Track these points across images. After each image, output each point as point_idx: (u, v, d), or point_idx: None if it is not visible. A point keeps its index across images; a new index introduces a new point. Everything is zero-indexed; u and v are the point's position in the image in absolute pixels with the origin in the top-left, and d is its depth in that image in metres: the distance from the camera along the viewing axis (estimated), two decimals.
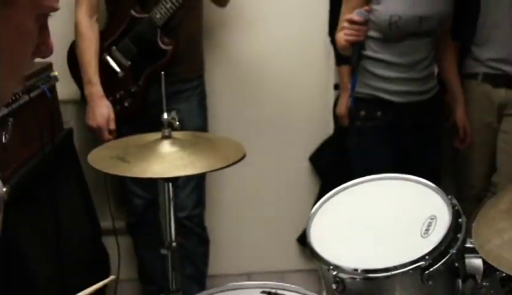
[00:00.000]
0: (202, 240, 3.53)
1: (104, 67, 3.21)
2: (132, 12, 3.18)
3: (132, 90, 3.22)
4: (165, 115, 2.25)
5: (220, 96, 3.70)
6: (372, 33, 2.93)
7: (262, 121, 3.76)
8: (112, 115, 3.17)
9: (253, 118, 3.72)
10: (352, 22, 2.76)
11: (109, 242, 3.39)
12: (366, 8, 2.78)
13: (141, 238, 3.59)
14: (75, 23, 3.19)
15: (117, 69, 3.22)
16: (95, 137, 3.21)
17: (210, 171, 2.18)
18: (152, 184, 3.24)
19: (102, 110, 3.15)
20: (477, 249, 1.40)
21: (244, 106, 3.74)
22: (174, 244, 2.30)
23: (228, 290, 2.15)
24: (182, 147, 2.23)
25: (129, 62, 3.22)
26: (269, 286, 2.13)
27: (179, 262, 2.35)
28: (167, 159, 2.19)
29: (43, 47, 1.22)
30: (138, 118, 3.21)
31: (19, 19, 1.13)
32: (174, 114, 2.28)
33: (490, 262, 1.35)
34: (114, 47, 3.23)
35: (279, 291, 2.10)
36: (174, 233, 2.30)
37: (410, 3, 2.92)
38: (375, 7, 2.93)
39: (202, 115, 3.43)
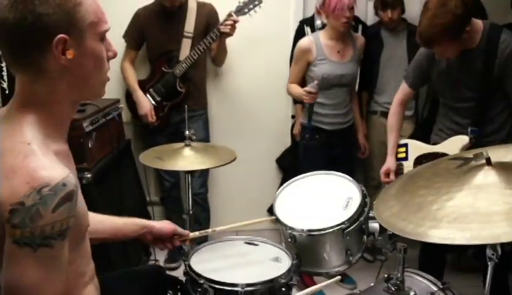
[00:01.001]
0: (205, 209, 3.49)
1: None
2: (163, 68, 3.24)
3: (161, 115, 3.28)
4: (187, 132, 2.24)
5: (220, 121, 3.67)
6: None
7: (246, 136, 3.73)
8: (152, 107, 3.24)
9: (240, 134, 3.69)
10: (309, 92, 2.76)
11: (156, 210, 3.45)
12: (317, 82, 2.78)
13: (169, 206, 3.59)
14: (121, 67, 3.32)
15: (153, 102, 3.29)
16: (144, 122, 3.28)
17: (213, 167, 2.16)
18: (176, 173, 3.35)
19: (146, 104, 3.24)
20: (376, 217, 1.40)
21: (235, 127, 3.71)
22: (191, 212, 2.27)
23: (224, 241, 2.14)
24: (197, 151, 2.21)
25: (159, 98, 3.28)
26: (249, 238, 2.12)
27: (193, 223, 2.33)
28: (188, 159, 2.17)
29: (109, 52, 1.21)
30: (164, 130, 3.29)
31: (92, 47, 1.12)
32: (192, 131, 2.26)
33: (383, 225, 1.35)
34: (151, 89, 3.28)
35: (255, 242, 2.10)
36: (191, 205, 2.28)
37: (334, 67, 2.94)
38: (313, 68, 2.96)
39: (205, 131, 3.42)
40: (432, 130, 2.68)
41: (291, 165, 3.55)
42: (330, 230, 1.88)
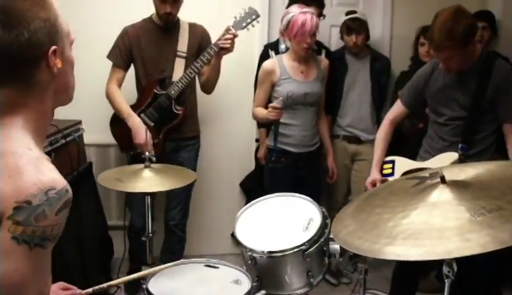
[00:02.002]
0: (181, 240, 3.32)
1: None
2: (155, 90, 3.01)
3: (155, 142, 3.02)
4: (147, 153, 2.20)
5: None
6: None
7: (214, 160, 3.72)
8: (150, 135, 2.94)
9: (204, 157, 3.63)
10: (274, 108, 2.79)
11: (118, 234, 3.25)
12: (282, 98, 2.82)
13: (135, 243, 3.19)
14: (107, 90, 3.03)
15: None
16: (139, 150, 2.92)
17: (172, 189, 2.12)
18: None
19: (145, 132, 2.93)
20: (333, 237, 1.40)
21: (204, 150, 3.60)
22: (150, 234, 2.23)
23: (183, 264, 2.08)
24: (157, 173, 2.18)
25: (153, 124, 3.03)
26: (210, 261, 2.07)
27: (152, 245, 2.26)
28: (147, 180, 2.13)
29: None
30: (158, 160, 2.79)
31: (69, 55, 1.21)
32: (152, 152, 2.22)
33: (340, 244, 1.34)
34: (142, 114, 3.02)
35: (216, 264, 2.06)
36: (151, 228, 2.23)
37: (299, 85, 2.97)
38: (277, 88, 2.98)
39: (195, 161, 3.24)
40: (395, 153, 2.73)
41: (254, 187, 3.54)
42: (290, 252, 1.87)
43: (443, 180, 1.35)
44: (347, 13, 3.47)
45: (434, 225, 1.20)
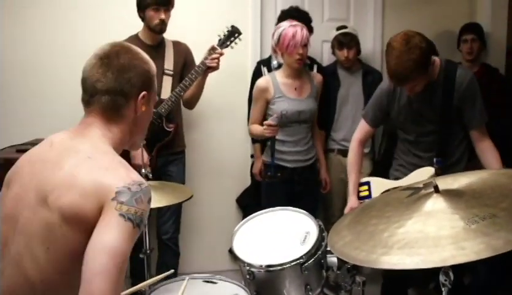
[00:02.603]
0: (175, 254, 3.35)
1: None
2: None
3: (149, 159, 3.05)
4: (143, 170, 2.21)
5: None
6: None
7: (210, 176, 3.74)
8: (146, 155, 2.97)
9: (200, 174, 3.67)
10: (269, 125, 2.82)
11: None
12: (277, 116, 2.85)
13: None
14: None
15: None
16: (137, 170, 2.92)
17: (170, 205, 2.13)
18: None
19: (144, 154, 2.86)
20: (330, 248, 1.41)
21: (195, 167, 3.67)
22: (148, 251, 2.23)
23: (182, 280, 2.09)
24: (154, 190, 2.16)
25: (145, 141, 2.95)
26: (208, 277, 2.08)
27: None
28: None
29: None
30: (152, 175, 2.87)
31: (150, 108, 1.48)
32: (148, 169, 2.24)
33: (336, 254, 1.36)
34: None
35: (214, 280, 2.07)
36: (149, 245, 2.23)
37: (292, 103, 2.99)
38: (271, 106, 3.01)
39: (183, 175, 3.31)
40: (391, 165, 2.73)
41: (250, 203, 3.53)
42: (288, 265, 1.87)
43: (437, 189, 1.37)
44: (338, 28, 3.51)
45: (429, 234, 1.22)
